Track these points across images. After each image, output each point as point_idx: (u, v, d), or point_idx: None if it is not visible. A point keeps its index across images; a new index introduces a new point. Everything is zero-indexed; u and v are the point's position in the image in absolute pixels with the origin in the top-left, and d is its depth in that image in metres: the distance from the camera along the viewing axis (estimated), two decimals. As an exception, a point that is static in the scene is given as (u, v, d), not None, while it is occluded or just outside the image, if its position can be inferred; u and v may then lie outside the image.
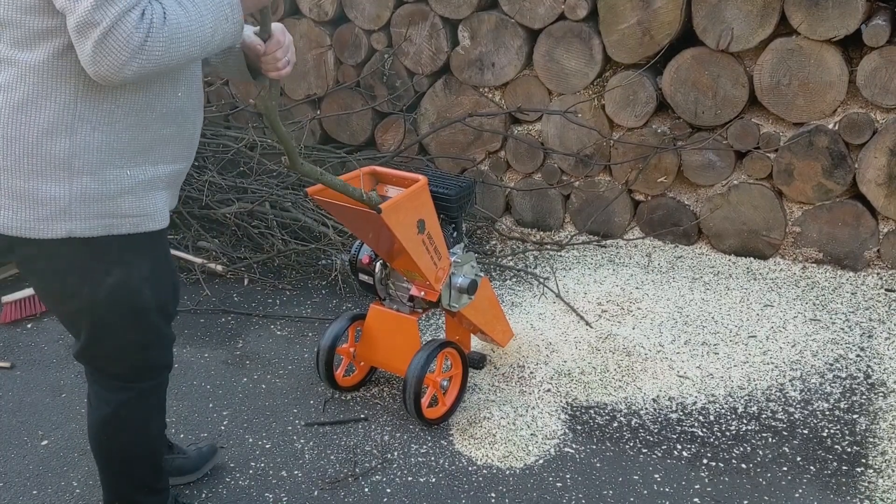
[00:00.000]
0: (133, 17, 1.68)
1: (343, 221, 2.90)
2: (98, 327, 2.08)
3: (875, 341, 3.50)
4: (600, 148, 4.43)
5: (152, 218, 2.02)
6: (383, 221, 2.59)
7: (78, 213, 1.91)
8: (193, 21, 1.78)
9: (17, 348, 3.62)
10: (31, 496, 2.73)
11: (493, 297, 3.28)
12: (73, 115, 1.85)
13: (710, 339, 3.53)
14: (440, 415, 3.04)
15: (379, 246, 2.89)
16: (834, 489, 2.69)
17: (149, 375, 2.21)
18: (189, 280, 4.22)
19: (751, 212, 4.20)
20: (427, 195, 2.76)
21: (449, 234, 3.00)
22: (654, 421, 3.05)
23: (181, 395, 3.27)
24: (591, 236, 4.60)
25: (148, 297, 2.07)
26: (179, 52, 1.77)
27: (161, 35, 1.72)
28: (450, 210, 2.97)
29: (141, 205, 1.98)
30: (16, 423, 3.12)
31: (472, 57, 4.53)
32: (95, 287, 1.99)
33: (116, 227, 1.96)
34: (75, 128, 1.86)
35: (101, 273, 1.99)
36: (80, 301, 2.02)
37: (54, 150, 1.86)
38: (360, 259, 3.08)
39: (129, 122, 1.92)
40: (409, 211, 2.70)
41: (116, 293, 2.01)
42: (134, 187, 1.96)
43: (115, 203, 1.94)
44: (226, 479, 2.80)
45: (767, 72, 3.96)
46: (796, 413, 3.07)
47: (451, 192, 2.95)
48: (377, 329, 3.12)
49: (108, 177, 1.92)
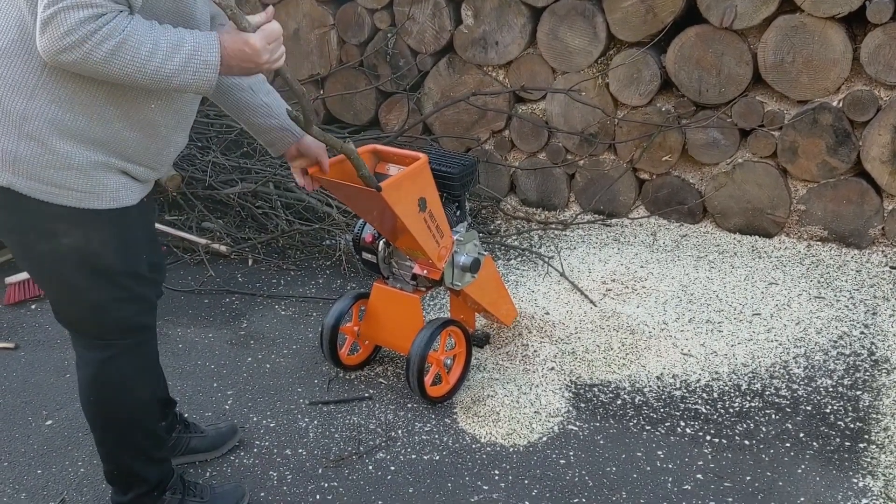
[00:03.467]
0: (82, 13, 1.71)
1: (344, 200, 2.88)
2: (62, 287, 2.10)
3: (879, 318, 3.49)
4: (604, 126, 4.42)
5: (99, 196, 2.01)
6: (384, 199, 2.58)
7: (22, 171, 1.93)
8: (154, 55, 1.80)
9: (20, 329, 3.64)
10: (36, 475, 2.75)
11: (497, 275, 3.28)
12: (36, 80, 1.89)
13: (714, 316, 3.53)
14: (444, 393, 3.05)
15: (381, 225, 2.88)
16: (837, 465, 2.69)
17: (126, 335, 2.20)
18: (193, 260, 4.23)
19: (755, 190, 4.19)
20: (428, 173, 2.75)
21: (452, 213, 2.99)
22: (658, 398, 3.05)
23: (186, 374, 3.28)
24: (596, 215, 4.59)
25: (111, 261, 2.07)
26: (122, 71, 1.79)
27: (106, 45, 1.74)
28: (452, 189, 2.96)
29: (88, 182, 1.98)
30: (20, 403, 3.13)
31: (476, 35, 4.51)
32: (52, 247, 2.01)
33: (57, 196, 1.96)
34: (35, 94, 1.89)
35: (58, 234, 2.00)
36: (40, 259, 2.05)
37: (11, 106, 1.89)
38: (364, 238, 3.08)
39: (89, 111, 1.93)
40: (410, 189, 2.69)
41: (75, 254, 2.03)
42: (83, 165, 1.96)
43: (59, 174, 1.95)
44: (230, 457, 2.81)
45: (771, 49, 3.94)
46: (800, 390, 3.07)
47: (454, 171, 2.94)
48: (381, 308, 3.12)
49: (56, 148, 1.93)
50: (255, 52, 1.91)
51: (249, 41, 1.91)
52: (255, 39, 1.91)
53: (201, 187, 4.45)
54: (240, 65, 1.94)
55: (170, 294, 3.93)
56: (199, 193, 4.48)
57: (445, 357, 3.04)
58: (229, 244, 4.30)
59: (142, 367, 2.28)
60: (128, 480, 2.36)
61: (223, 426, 2.85)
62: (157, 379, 2.50)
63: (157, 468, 2.38)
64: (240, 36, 1.91)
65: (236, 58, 1.92)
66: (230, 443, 2.84)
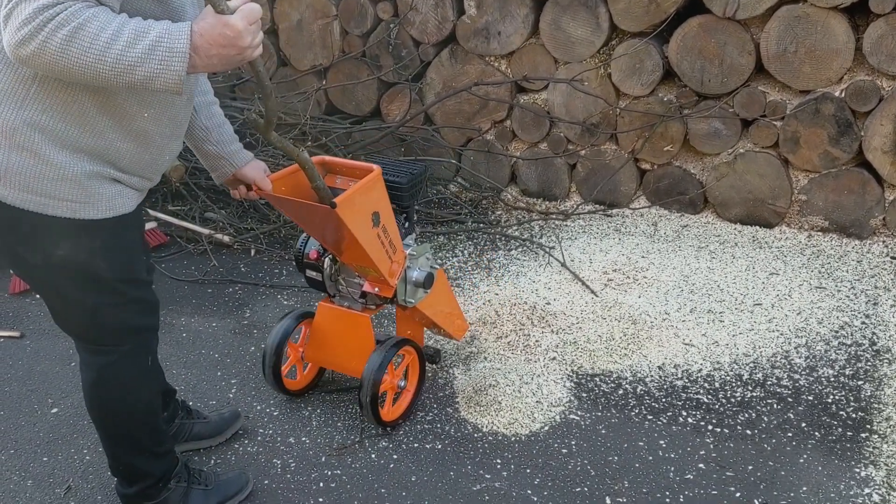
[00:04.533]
0: (38, 2, 1.63)
1: (290, 215, 2.65)
2: (57, 295, 2.08)
3: (880, 309, 3.50)
4: (606, 117, 4.42)
5: (94, 206, 1.96)
6: (337, 216, 2.37)
7: (13, 182, 1.89)
8: (115, 42, 1.67)
9: (26, 318, 3.65)
10: (42, 463, 2.77)
11: (449, 289, 3.08)
12: (25, 91, 1.83)
13: (715, 307, 3.54)
14: (398, 415, 2.91)
15: (329, 240, 2.65)
16: (838, 454, 2.70)
17: (126, 339, 2.17)
18: (197, 251, 4.24)
19: (757, 180, 4.20)
20: (382, 186, 2.54)
21: (400, 225, 2.80)
22: (660, 388, 3.06)
23: (190, 363, 3.30)
24: (597, 205, 4.60)
25: (101, 269, 2.03)
26: (81, 60, 1.67)
27: (62, 32, 1.64)
28: (401, 199, 2.75)
29: (82, 193, 1.94)
30: (26, 391, 3.15)
31: (478, 26, 4.51)
32: (45, 258, 1.98)
33: (51, 207, 1.92)
34: (25, 104, 1.84)
35: (50, 245, 1.96)
36: (34, 270, 2.02)
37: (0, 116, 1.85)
38: (307, 254, 2.84)
39: (81, 121, 1.88)
40: (364, 204, 2.48)
41: (67, 264, 1.99)
42: (77, 176, 1.92)
43: (53, 185, 1.90)
44: (234, 445, 2.82)
45: (774, 39, 3.94)
46: (801, 380, 3.08)
47: (403, 180, 2.74)
48: (327, 328, 2.91)
49: (49, 159, 1.88)
50: (236, 34, 1.72)
51: (229, 23, 1.71)
52: (236, 20, 1.72)
53: (204, 178, 4.46)
54: (220, 52, 1.74)
55: (173, 284, 3.95)
56: (202, 184, 4.49)
57: (398, 380, 2.92)
58: (232, 234, 4.31)
59: (143, 369, 2.26)
60: (133, 475, 2.38)
61: (226, 412, 2.86)
62: (158, 377, 2.48)
63: (161, 462, 2.39)
64: (218, 19, 1.72)
65: (216, 44, 1.73)
66: (233, 427, 2.85)
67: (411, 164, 2.86)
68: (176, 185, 4.43)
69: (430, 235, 4.34)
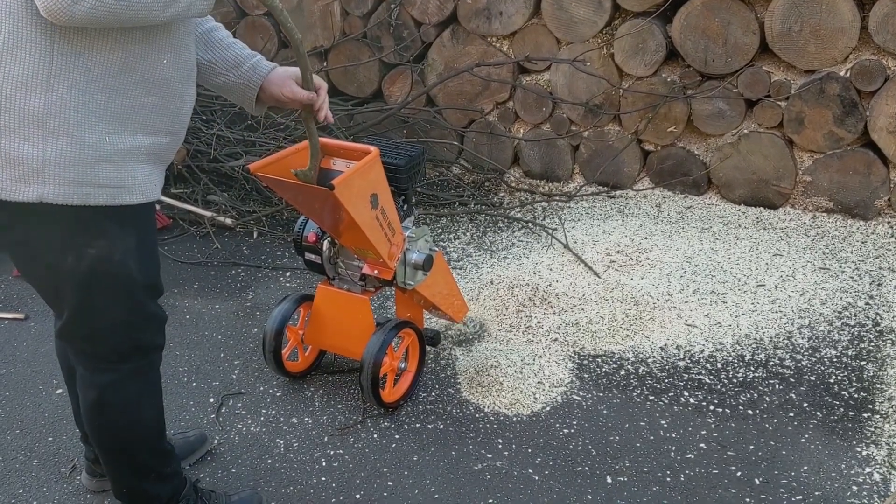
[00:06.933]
0: None
1: (288, 198, 2.65)
2: (82, 304, 1.99)
3: (884, 289, 3.49)
4: (609, 97, 4.40)
5: (130, 190, 1.92)
6: (336, 198, 2.36)
7: (52, 176, 1.82)
8: None
9: (30, 300, 3.66)
10: (47, 443, 2.78)
11: (448, 270, 3.08)
12: (48, 69, 1.78)
13: (718, 288, 3.53)
14: (398, 397, 2.91)
15: (328, 223, 2.64)
16: (840, 434, 2.70)
17: (135, 357, 2.11)
18: (199, 233, 4.24)
19: (761, 161, 4.18)
20: (380, 168, 2.53)
21: (399, 207, 2.79)
22: (662, 369, 3.06)
23: (193, 345, 3.31)
24: (601, 187, 4.59)
25: (134, 272, 1.99)
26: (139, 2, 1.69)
27: None
28: (399, 181, 2.75)
29: (119, 175, 1.90)
30: (30, 372, 3.16)
31: (480, 6, 4.49)
32: (77, 260, 1.91)
33: (92, 196, 1.87)
34: (51, 83, 1.79)
35: (83, 245, 1.90)
36: (61, 275, 1.95)
37: (28, 105, 1.78)
38: (306, 237, 2.84)
39: (105, 84, 1.84)
40: (362, 186, 2.47)
41: (100, 267, 1.94)
42: (112, 155, 1.88)
43: (92, 170, 1.86)
44: (238, 425, 2.84)
45: (779, 18, 3.91)
46: (804, 360, 3.08)
47: (401, 162, 2.73)
48: (327, 311, 2.91)
49: (85, 140, 1.83)
50: None
51: None
52: None
53: (206, 160, 4.46)
54: None
55: (176, 266, 3.95)
56: (205, 166, 4.48)
57: (399, 361, 2.92)
58: (234, 217, 4.31)
59: (147, 388, 2.19)
60: (138, 499, 2.28)
61: (191, 434, 2.73)
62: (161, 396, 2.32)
63: (167, 484, 2.29)
64: None
65: None
66: (199, 451, 2.71)
67: (409, 146, 2.84)
68: (178, 167, 4.43)
69: (433, 217, 4.33)
